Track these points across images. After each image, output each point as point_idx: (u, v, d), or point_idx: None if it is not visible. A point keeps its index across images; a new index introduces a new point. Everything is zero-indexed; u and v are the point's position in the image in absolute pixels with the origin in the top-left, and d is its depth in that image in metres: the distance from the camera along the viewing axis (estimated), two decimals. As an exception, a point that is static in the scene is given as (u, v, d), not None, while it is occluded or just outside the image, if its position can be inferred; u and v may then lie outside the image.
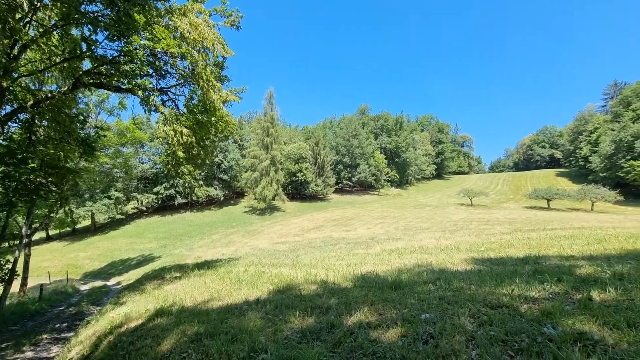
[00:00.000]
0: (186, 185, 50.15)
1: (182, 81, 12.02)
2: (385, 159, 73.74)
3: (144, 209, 52.52)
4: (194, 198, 52.00)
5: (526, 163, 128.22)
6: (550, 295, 3.54)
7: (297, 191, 58.44)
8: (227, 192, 57.51)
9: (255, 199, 48.51)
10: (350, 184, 68.02)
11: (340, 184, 67.11)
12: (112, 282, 22.85)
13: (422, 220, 29.35)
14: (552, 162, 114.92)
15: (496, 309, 3.20)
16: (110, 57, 9.82)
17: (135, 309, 6.51)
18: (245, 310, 4.41)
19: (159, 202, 52.47)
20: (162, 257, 27.98)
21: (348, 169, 67.59)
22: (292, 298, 4.70)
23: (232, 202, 57.76)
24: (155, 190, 50.44)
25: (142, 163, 52.48)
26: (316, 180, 58.12)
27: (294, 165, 56.24)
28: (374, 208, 44.89)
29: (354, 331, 2.97)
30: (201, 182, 51.74)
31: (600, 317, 2.62)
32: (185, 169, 14.86)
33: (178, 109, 12.62)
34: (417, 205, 48.08)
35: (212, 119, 12.50)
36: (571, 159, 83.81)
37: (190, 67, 11.16)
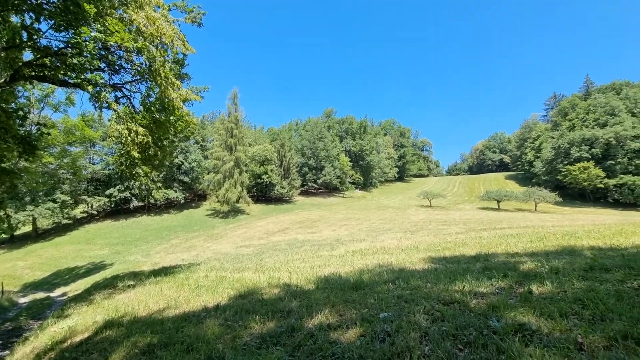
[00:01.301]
0: (143, 187, 47.31)
1: (138, 77, 11.37)
2: (350, 161, 75.11)
3: (95, 213, 48.78)
4: (152, 201, 49.22)
5: (479, 167, 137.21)
6: (497, 290, 3.81)
7: (262, 193, 57.58)
8: (188, 194, 55.13)
9: (218, 201, 47.03)
10: (316, 186, 68.36)
11: (305, 186, 67.19)
12: (56, 293, 20.87)
13: (385, 222, 30.25)
14: (501, 166, 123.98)
15: (449, 305, 3.37)
16: (56, 49, 9.03)
17: (81, 322, 6.00)
18: (204, 318, 4.25)
19: (112, 205, 48.98)
20: (115, 265, 26.12)
21: (313, 171, 67.90)
22: (253, 303, 4.61)
23: (193, 205, 55.49)
24: (107, 192, 46.98)
25: (93, 163, 48.70)
26: (282, 183, 57.68)
27: (259, 167, 55.38)
28: (339, 210, 45.47)
29: (314, 333, 2.98)
30: (159, 184, 49.12)
31: (538, 309, 2.87)
32: (140, 170, 14.04)
33: (133, 106, 11.91)
34: (380, 207, 49.47)
35: (171, 118, 11.95)
36: (518, 163, 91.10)
37: (147, 63, 10.58)
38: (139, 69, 11.00)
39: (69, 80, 9.77)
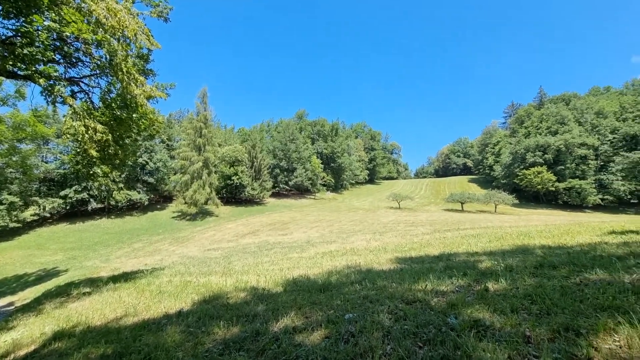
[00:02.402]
0: (103, 188, 44.50)
1: (98, 72, 10.73)
2: (322, 163, 75.51)
3: (48, 215, 45.05)
4: (113, 203, 46.41)
5: (445, 170, 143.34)
6: (456, 289, 3.98)
7: (232, 195, 56.28)
8: (152, 196, 52.61)
9: (186, 203, 45.33)
10: (287, 187, 67.99)
11: (277, 188, 66.60)
12: (1, 303, 19.04)
13: (355, 223, 30.69)
14: (465, 170, 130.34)
15: (411, 304, 3.48)
16: (4, 37, 8.30)
17: (27, 334, 5.52)
18: (164, 325, 4.06)
19: (68, 207, 45.52)
20: (71, 271, 24.30)
21: (285, 172, 67.51)
22: (218, 308, 4.48)
23: (158, 207, 53.08)
24: (62, 193, 43.65)
25: (46, 162, 45.08)
26: (252, 184, 56.76)
27: (229, 168, 54.11)
28: (310, 212, 45.51)
29: (279, 337, 2.95)
30: (121, 185, 46.48)
31: (492, 305, 3.04)
32: (99, 170, 13.25)
33: (92, 102, 11.22)
34: (351, 208, 50.13)
35: (134, 115, 11.40)
36: (480, 167, 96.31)
37: (108, 56, 10.01)
38: (98, 62, 10.41)
39: (19, 72, 9.00)
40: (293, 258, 12.29)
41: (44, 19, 7.82)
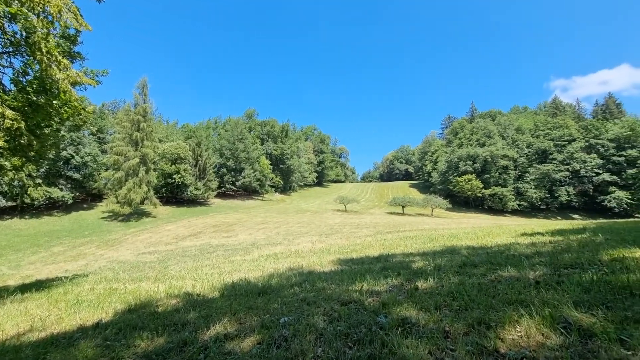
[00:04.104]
0: (15, 183, 38.47)
1: (10, 49, 9.31)
2: (271, 164, 74.57)
3: (-64, 214, 37.68)
4: (28, 201, 40.35)
5: (389, 175, 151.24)
6: (390, 288, 4.17)
7: (173, 195, 52.71)
8: (78, 193, 46.81)
9: (118, 202, 41.26)
10: (234, 188, 65.79)
11: (223, 188, 64.05)
12: None
13: (303, 225, 30.78)
14: (407, 175, 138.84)
15: (347, 305, 3.55)
16: None
17: None
18: (77, 339, 3.60)
19: (-35, 205, 38.60)
20: (-35, 280, 20.53)
21: (232, 172, 65.26)
22: (144, 317, 4.11)
23: (85, 206, 47.56)
24: (-42, 188, 36.88)
25: (-63, 151, 37.67)
26: (196, 184, 53.82)
27: (171, 166, 50.64)
28: (257, 213, 44.56)
29: (209, 346, 2.79)
30: (39, 181, 40.64)
31: (419, 303, 3.23)
32: (8, 163, 11.47)
33: (2, 84, 9.69)
34: (299, 210, 50.21)
35: (55, 102, 10.08)
36: (420, 173, 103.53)
37: (24, 33, 8.76)
38: (12, 39, 9.05)
39: None
40: (236, 261, 11.88)
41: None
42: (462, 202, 70.18)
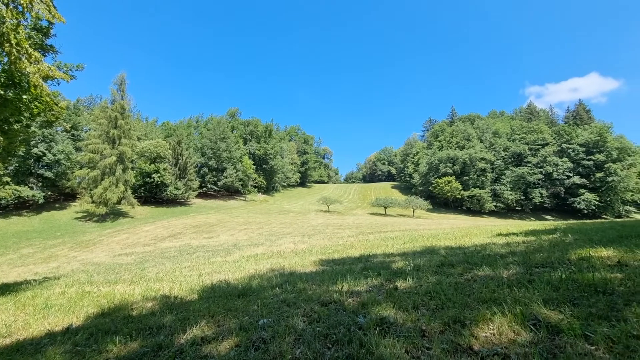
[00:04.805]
0: (-21, 181, 36.32)
1: (-25, 39, 8.80)
2: (254, 164, 73.87)
3: None
4: (-8, 200, 38.18)
5: (371, 176, 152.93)
6: (370, 288, 4.21)
7: (152, 194, 51.22)
8: (50, 193, 44.63)
9: (94, 202, 39.72)
10: (216, 188, 64.69)
11: (204, 188, 62.86)
12: None
13: (285, 226, 30.63)
14: (389, 177, 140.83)
15: (327, 305, 3.56)
16: None
17: None
18: (45, 346, 3.43)
19: None
20: None
21: (214, 172, 64.14)
22: (117, 321, 3.97)
23: (57, 206, 45.45)
24: None
25: None
26: (176, 183, 52.56)
27: (150, 165, 49.24)
28: (239, 214, 43.99)
29: (184, 350, 2.72)
30: (7, 179, 38.52)
31: (398, 303, 3.27)
32: (-29, 160, 10.87)
33: (-35, 77, 9.15)
34: (282, 211, 49.94)
35: (24, 97, 9.64)
36: (402, 174, 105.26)
37: (-9, 23, 8.29)
38: (-23, 28, 8.53)
39: None
40: (216, 262, 11.67)
41: None
42: (442, 203, 71.88)
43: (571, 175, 67.10)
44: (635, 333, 2.13)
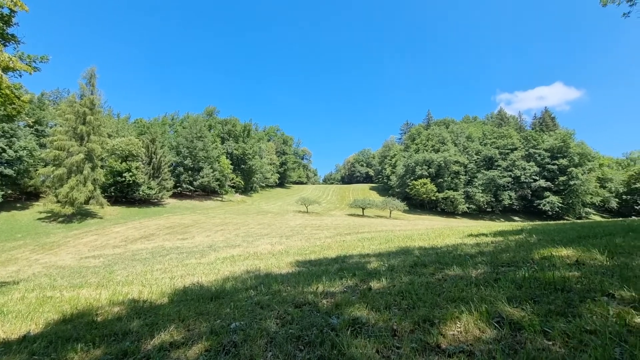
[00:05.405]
0: None
1: None
2: (232, 164, 72.59)
3: None
4: (-58, 199, 35.22)
5: (350, 178, 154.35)
6: (345, 289, 4.24)
7: (124, 194, 49.13)
8: (11, 192, 41.72)
9: (59, 202, 37.54)
10: (192, 188, 63.00)
11: (179, 188, 61.05)
12: None
13: (263, 227, 30.30)
14: (367, 178, 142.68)
15: (301, 307, 3.54)
16: None
17: None
18: (-3, 356, 3.20)
19: None
20: None
21: (190, 172, 62.42)
22: (80, 327, 3.77)
23: (18, 205, 42.63)
24: None
25: None
26: (149, 183, 50.72)
27: (121, 163, 47.23)
28: (216, 214, 43.05)
29: (151, 356, 2.63)
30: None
31: (371, 303, 3.31)
32: None
33: None
34: (260, 211, 49.35)
35: (-19, 89, 8.99)
36: (379, 176, 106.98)
37: (-57, 7, 7.72)
38: None
39: None
40: (190, 264, 11.37)
41: None
42: (418, 204, 73.66)
43: (537, 178, 70.78)
44: (589, 328, 2.27)
